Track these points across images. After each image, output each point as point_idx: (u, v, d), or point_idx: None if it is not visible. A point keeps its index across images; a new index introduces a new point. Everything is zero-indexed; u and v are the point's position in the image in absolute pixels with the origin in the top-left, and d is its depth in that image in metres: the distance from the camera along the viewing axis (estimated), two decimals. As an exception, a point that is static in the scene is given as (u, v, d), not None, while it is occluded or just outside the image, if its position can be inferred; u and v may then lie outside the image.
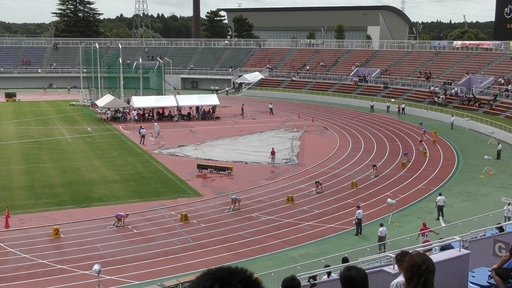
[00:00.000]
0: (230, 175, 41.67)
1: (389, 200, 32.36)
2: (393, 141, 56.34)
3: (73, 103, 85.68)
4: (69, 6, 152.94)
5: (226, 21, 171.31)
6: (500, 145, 49.69)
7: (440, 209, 32.47)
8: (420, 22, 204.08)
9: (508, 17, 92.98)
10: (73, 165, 44.54)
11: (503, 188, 38.48)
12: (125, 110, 71.42)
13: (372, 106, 78.92)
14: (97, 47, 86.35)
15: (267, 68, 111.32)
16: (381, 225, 27.96)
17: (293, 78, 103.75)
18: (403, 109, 75.16)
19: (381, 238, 27.19)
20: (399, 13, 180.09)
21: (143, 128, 55.37)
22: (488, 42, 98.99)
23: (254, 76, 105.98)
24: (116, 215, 30.83)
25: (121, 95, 77.21)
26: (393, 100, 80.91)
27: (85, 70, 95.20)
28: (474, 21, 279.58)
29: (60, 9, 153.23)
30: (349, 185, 38.69)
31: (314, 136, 59.73)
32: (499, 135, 56.08)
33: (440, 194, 33.43)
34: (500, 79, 76.11)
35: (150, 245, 27.92)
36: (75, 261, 25.83)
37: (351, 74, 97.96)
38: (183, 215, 31.50)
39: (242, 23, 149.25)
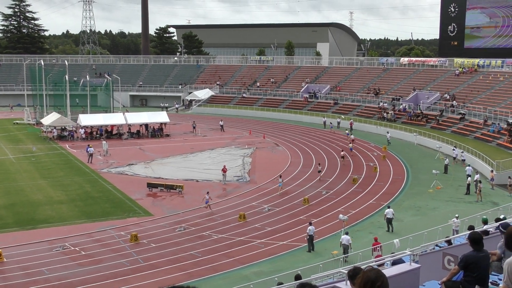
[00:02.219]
0: (181, 193, 41.35)
1: (340, 216, 32.68)
2: (344, 157, 57.00)
3: (17, 121, 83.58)
4: (12, 22, 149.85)
5: (175, 38, 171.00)
6: (447, 159, 51.05)
7: (389, 221, 33.13)
8: (368, 39, 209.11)
9: (451, 34, 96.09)
10: (17, 185, 43.33)
11: (451, 202, 39.48)
12: (72, 128, 70.16)
13: (324, 122, 79.71)
14: (42, 64, 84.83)
15: (217, 85, 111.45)
16: (346, 234, 28.77)
17: (244, 95, 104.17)
18: (350, 124, 76.11)
19: (345, 247, 28.02)
20: (347, 30, 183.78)
21: (90, 147, 54.48)
22: (433, 59, 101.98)
23: (204, 93, 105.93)
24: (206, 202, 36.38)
25: (67, 113, 75.85)
26: (343, 116, 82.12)
27: (29, 87, 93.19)
28: (420, 38, 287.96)
29: (2, 25, 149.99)
30: (301, 201, 38.93)
31: (266, 152, 59.97)
32: (446, 149, 57.62)
33: (388, 207, 34.22)
34: (446, 95, 78.43)
35: (99, 267, 27.34)
36: (19, 287, 25.02)
37: (302, 90, 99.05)
38: (133, 235, 31.02)
39: (192, 40, 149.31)
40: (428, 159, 54.46)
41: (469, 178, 42.77)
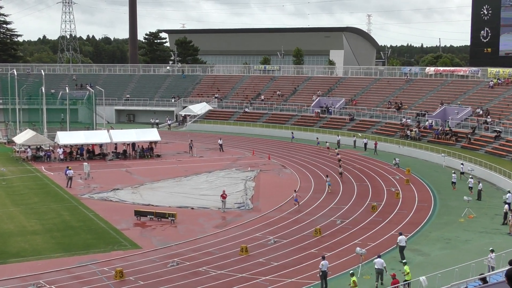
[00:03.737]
0: (174, 222, 41.29)
1: (358, 249, 32.53)
2: (362, 181, 57.05)
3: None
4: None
5: (167, 44, 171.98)
6: (480, 184, 50.93)
7: (401, 250, 33.26)
8: (388, 46, 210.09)
9: (484, 41, 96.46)
10: (-15, 213, 43.35)
11: (485, 233, 39.32)
12: (48, 148, 70.30)
13: (338, 141, 79.80)
14: (15, 73, 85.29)
15: (215, 98, 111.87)
16: (379, 256, 30.26)
17: (246, 110, 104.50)
18: (365, 144, 76.34)
19: (379, 271, 29.29)
20: (364, 36, 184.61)
21: (70, 169, 54.58)
22: (464, 68, 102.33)
23: (200, 108, 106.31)
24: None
25: (44, 130, 76.10)
26: (360, 134, 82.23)
27: (0, 101, 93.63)
28: (448, 45, 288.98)
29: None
30: (312, 232, 38.81)
31: (271, 176, 59.93)
32: (479, 172, 57.52)
33: (400, 234, 34.31)
34: (478, 109, 78.52)
35: (79, 308, 27.23)
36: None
37: (312, 104, 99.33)
38: (118, 271, 30.93)
39: (186, 46, 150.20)
40: (459, 184, 54.35)
41: (506, 205, 42.62)
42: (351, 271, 28.96)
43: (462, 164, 59.91)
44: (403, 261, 31.12)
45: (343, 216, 43.35)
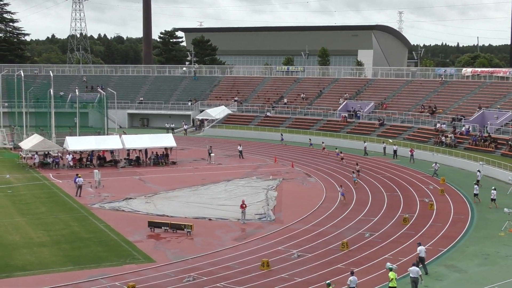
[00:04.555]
0: (190, 234, 41.29)
1: (388, 264, 32.29)
2: (392, 190, 56.73)
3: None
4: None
5: (184, 44, 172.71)
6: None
7: (421, 261, 33.26)
8: (421, 45, 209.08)
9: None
10: (-11, 224, 43.72)
11: (528, 248, 38.84)
12: (57, 154, 70.77)
13: (365, 148, 79.59)
14: (22, 75, 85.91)
15: (235, 101, 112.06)
16: (414, 265, 30.78)
17: (268, 114, 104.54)
18: (394, 151, 76.05)
19: (415, 280, 30.11)
20: (395, 34, 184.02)
21: (79, 177, 54.81)
22: (503, 69, 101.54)
23: (219, 111, 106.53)
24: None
25: (52, 135, 76.64)
26: (390, 140, 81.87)
27: (6, 104, 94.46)
28: (487, 44, 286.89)
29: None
30: (339, 246, 38.61)
31: (295, 185, 59.79)
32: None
33: (419, 244, 34.48)
34: (520, 114, 77.80)
35: (88, 325, 27.30)
36: None
37: (339, 108, 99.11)
38: (131, 286, 30.98)
39: (204, 46, 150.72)
40: (498, 195, 53.80)
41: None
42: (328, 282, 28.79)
43: (479, 171, 59.33)
44: (390, 266, 31.03)
45: (372, 229, 43.07)
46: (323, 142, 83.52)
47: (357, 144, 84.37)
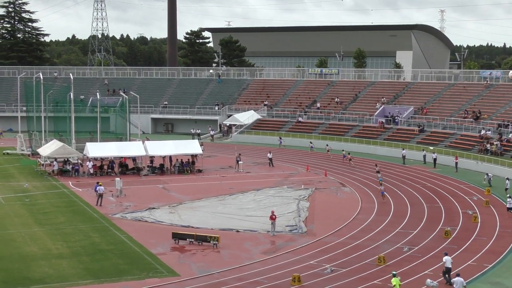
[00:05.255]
0: (216, 247, 41.34)
1: (428, 281, 32.11)
2: (433, 202, 56.32)
3: (8, 151, 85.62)
4: (4, 25, 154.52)
5: (211, 44, 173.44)
6: None
7: (447, 271, 33.52)
8: (464, 46, 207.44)
9: None
10: (5, 234, 44.13)
11: None
12: (77, 161, 71.34)
13: (404, 156, 79.18)
14: (41, 77, 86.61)
15: (265, 105, 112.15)
16: (458, 275, 31.16)
17: (300, 119, 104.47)
18: (434, 159, 75.68)
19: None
20: (437, 34, 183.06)
21: (100, 185, 55.18)
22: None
23: (248, 116, 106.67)
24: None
25: (71, 141, 77.27)
26: (431, 147, 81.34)
27: (24, 108, 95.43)
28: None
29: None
30: (375, 260, 38.42)
31: (328, 195, 59.64)
32: None
33: (446, 254, 34.68)
34: None
35: None
36: None
37: (376, 113, 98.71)
38: (153, 301, 31.09)
39: (232, 47, 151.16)
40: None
41: None
42: None
43: (508, 179, 59.74)
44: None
45: (412, 243, 42.77)
46: (327, 145, 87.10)
47: (395, 152, 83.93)
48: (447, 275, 33.91)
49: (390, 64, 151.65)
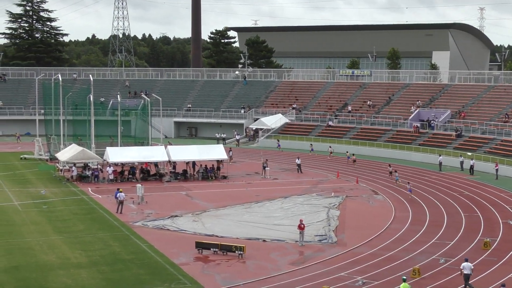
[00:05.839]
0: (242, 257, 41.36)
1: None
2: (471, 211, 55.94)
3: (25, 156, 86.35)
4: (22, 24, 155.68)
5: (236, 44, 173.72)
6: None
7: (466, 279, 33.69)
8: (505, 46, 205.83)
9: None
10: (22, 242, 44.49)
11: None
12: (96, 166, 71.77)
13: (440, 163, 78.75)
14: (60, 79, 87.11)
15: (293, 108, 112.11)
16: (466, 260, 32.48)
17: (330, 123, 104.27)
18: (471, 166, 75.37)
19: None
20: (476, 34, 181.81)
21: (121, 191, 55.45)
22: None
23: (275, 120, 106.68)
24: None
25: (91, 146, 77.71)
26: (469, 153, 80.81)
27: (42, 111, 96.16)
28: None
29: (10, 28, 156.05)
30: (409, 273, 38.23)
31: (359, 203, 59.46)
32: None
33: (466, 260, 34.76)
34: None
35: None
36: None
37: (410, 117, 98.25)
38: (176, 314, 31.17)
39: (259, 47, 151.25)
40: None
41: None
42: None
43: None
44: (403, 278, 32.29)
45: (448, 254, 42.48)
46: (330, 147, 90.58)
47: (430, 158, 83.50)
48: (468, 284, 34.09)
49: (425, 65, 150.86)
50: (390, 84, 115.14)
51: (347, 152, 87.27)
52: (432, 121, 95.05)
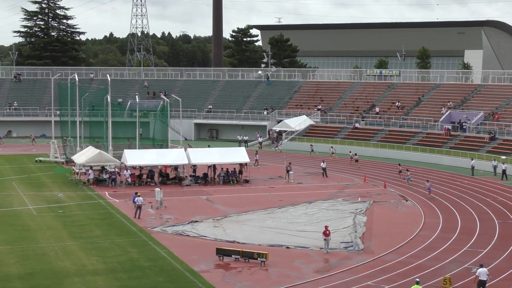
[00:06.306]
0: (264, 264, 41.34)
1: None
2: (505, 217, 55.56)
3: (40, 158, 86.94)
4: (38, 22, 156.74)
5: (259, 43, 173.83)
6: None
7: (482, 285, 33.67)
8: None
9: None
10: (37, 248, 44.75)
11: None
12: (114, 170, 72.07)
13: (473, 167, 78.30)
14: (77, 79, 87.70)
15: (318, 110, 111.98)
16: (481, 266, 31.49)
17: (356, 125, 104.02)
18: (503, 170, 74.93)
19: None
20: (511, 31, 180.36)
21: (139, 196, 55.58)
22: None
23: (299, 122, 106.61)
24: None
25: (108, 148, 78.05)
26: (503, 157, 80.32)
27: (58, 112, 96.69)
28: None
29: (25, 27, 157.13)
30: (440, 282, 38.04)
31: (387, 209, 59.25)
32: None
33: (481, 266, 34.82)
34: None
35: None
36: None
37: (441, 119, 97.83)
38: (195, 323, 31.20)
39: (283, 46, 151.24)
40: None
41: None
42: None
43: None
44: (416, 280, 32.72)
45: (481, 262, 42.20)
46: (332, 147, 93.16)
47: (462, 161, 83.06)
48: None
49: (457, 65, 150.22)
50: (420, 85, 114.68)
51: (350, 152, 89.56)
52: (464, 123, 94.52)
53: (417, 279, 34.07)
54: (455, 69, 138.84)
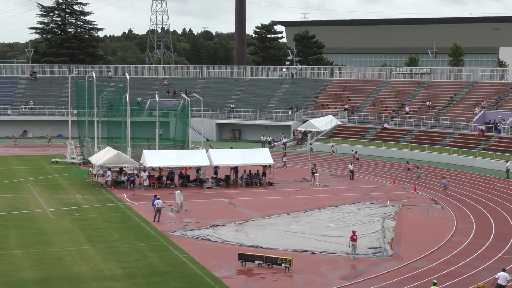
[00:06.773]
0: (289, 270, 41.31)
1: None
2: (541, 222, 55.22)
3: (57, 159, 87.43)
4: (54, 19, 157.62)
5: (284, 40, 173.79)
6: None
7: None
8: None
9: None
10: (53, 252, 44.97)
11: None
12: (132, 171, 72.31)
13: (508, 169, 77.86)
14: (94, 77, 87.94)
15: (345, 109, 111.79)
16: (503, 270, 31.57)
17: (385, 125, 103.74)
18: None
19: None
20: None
21: (158, 198, 55.71)
22: None
23: (325, 122, 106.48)
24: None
25: (127, 149, 78.32)
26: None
27: (75, 111, 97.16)
28: None
29: (41, 23, 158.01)
30: (473, 290, 37.87)
31: (417, 213, 59.02)
32: None
33: (503, 270, 34.95)
34: None
35: None
36: None
37: (474, 119, 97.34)
38: (217, 331, 31.22)
39: (308, 43, 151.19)
40: None
41: None
42: None
43: None
44: (433, 281, 32.85)
45: (504, 267, 41.91)
46: (332, 146, 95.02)
47: (497, 164, 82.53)
48: None
49: (492, 62, 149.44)
50: (452, 83, 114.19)
51: (352, 150, 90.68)
52: (498, 124, 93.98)
53: (434, 280, 34.24)
54: (489, 67, 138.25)
